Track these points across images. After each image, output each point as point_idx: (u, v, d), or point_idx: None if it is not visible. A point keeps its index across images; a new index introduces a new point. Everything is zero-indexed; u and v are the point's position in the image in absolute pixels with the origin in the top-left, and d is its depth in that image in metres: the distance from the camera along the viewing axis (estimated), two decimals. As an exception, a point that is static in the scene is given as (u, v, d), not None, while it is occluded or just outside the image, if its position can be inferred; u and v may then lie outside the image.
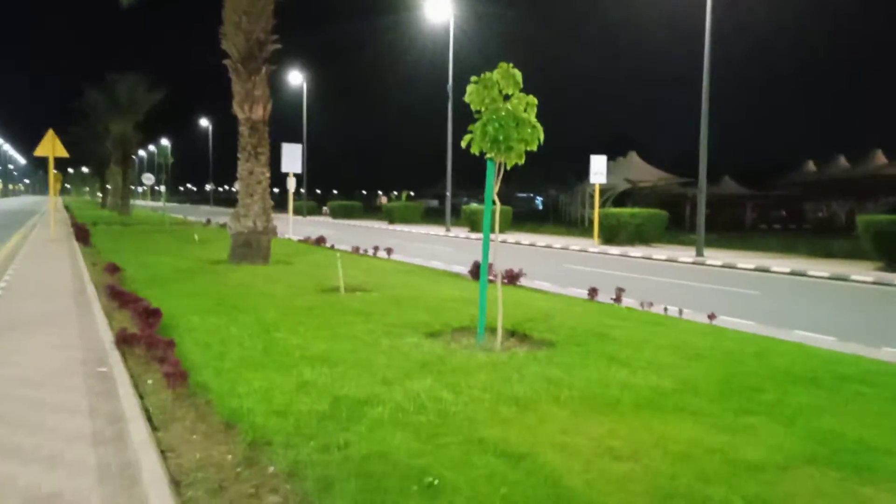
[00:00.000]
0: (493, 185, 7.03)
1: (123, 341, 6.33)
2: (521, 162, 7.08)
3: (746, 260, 19.13)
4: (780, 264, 17.92)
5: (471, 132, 6.98)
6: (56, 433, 4.34)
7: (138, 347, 6.24)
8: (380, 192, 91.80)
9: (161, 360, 5.68)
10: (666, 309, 9.04)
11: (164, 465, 3.78)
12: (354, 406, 4.66)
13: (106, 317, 8.03)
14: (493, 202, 7.04)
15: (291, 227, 26.24)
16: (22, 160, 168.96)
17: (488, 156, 6.95)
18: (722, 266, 18.37)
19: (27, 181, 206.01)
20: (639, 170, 44.23)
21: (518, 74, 7.07)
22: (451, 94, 33.49)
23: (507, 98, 7.00)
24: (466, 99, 7.08)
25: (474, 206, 36.45)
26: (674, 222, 29.05)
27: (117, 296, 8.57)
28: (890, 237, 16.60)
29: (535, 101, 7.06)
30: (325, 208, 54.60)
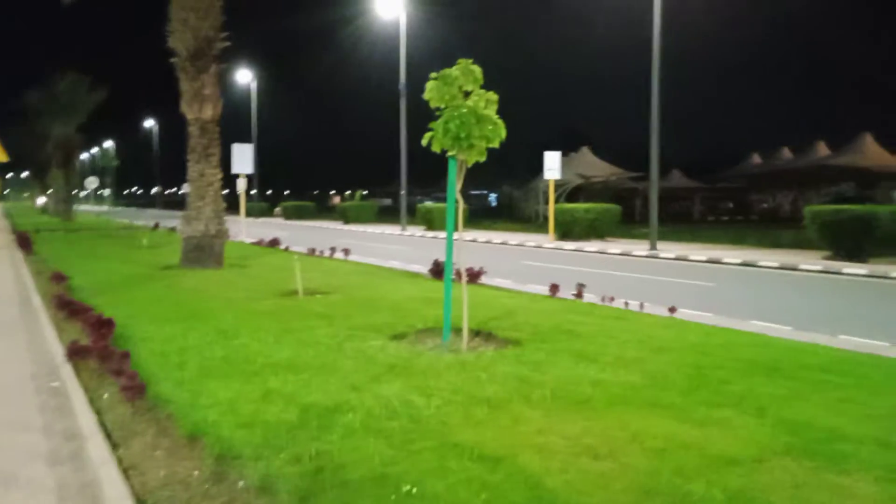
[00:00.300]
0: (455, 183, 6.95)
1: (75, 354, 6.04)
2: (483, 159, 7.02)
3: (698, 252, 19.52)
4: (731, 255, 18.34)
5: (431, 129, 6.89)
6: (9, 452, 4.10)
7: (91, 360, 5.96)
8: (332, 192, 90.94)
9: (117, 372, 5.44)
10: (627, 303, 9.12)
11: (128, 483, 3.60)
12: (324, 414, 4.53)
13: (55, 328, 7.68)
14: (456, 200, 6.96)
15: (245, 229, 25.72)
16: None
17: (450, 154, 6.87)
18: (675, 259, 18.71)
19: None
20: (591, 165, 44.84)
21: (478, 71, 7.01)
22: (403, 92, 33.33)
23: (467, 95, 6.94)
24: (426, 96, 6.98)
25: (429, 204, 36.40)
26: (625, 216, 29.48)
27: (66, 305, 8.22)
28: (836, 227, 17.13)
29: (496, 97, 7.01)
30: (277, 209, 53.74)
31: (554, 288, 10.01)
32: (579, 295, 9.61)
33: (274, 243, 20.28)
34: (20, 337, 7.34)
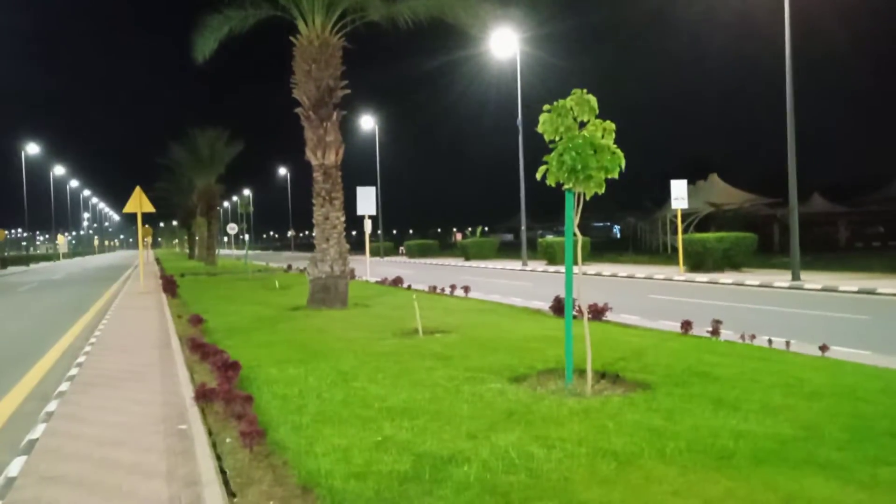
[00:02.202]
0: (573, 217, 6.64)
1: (202, 396, 6.21)
2: (602, 191, 6.70)
3: (847, 282, 17.81)
4: (887, 285, 16.56)
5: (546, 163, 6.66)
6: (131, 499, 4.18)
7: (217, 403, 6.11)
8: (454, 230, 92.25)
9: (239, 416, 5.51)
10: (770, 341, 8.31)
11: (239, 537, 3.53)
12: (438, 465, 4.30)
13: (188, 370, 8.01)
14: (574, 234, 6.65)
15: (369, 268, 26.37)
16: (116, 216, 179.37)
17: (566, 187, 6.59)
18: (822, 290, 17.14)
19: (122, 236, 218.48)
20: (721, 192, 42.57)
21: (593, 100, 6.73)
22: (521, 128, 33.29)
23: (582, 125, 6.67)
24: (539, 129, 6.77)
25: (550, 238, 35.87)
26: (761, 245, 27.57)
27: (198, 348, 8.57)
28: None
29: (613, 126, 6.69)
30: (401, 248, 55.06)
31: (686, 325, 9.33)
32: (715, 332, 8.88)
33: (397, 282, 20.58)
34: (156, 380, 7.69)
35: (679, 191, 25.00)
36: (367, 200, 25.98)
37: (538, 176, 6.72)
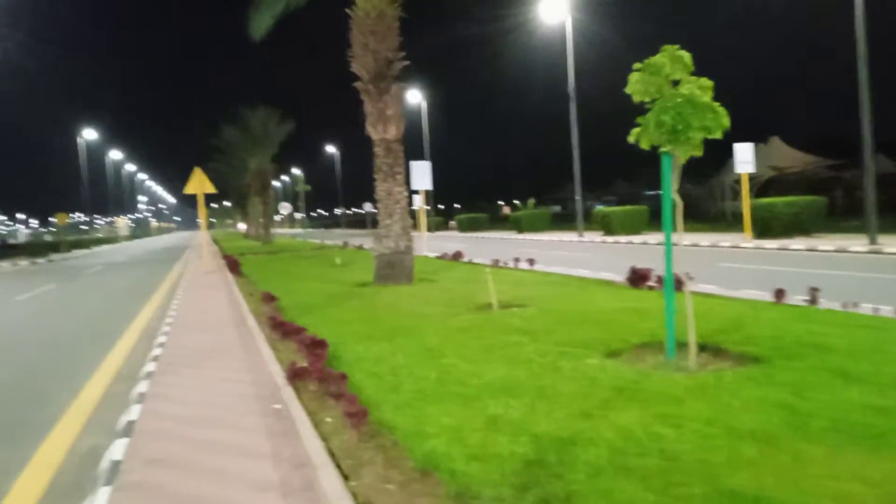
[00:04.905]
0: (670, 182, 6.27)
1: (295, 376, 6.10)
2: (699, 154, 6.32)
3: (935, 244, 16.86)
4: (981, 247, 15.61)
5: (640, 125, 6.29)
6: (241, 482, 4.05)
7: (310, 382, 5.99)
8: (501, 202, 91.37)
9: (336, 395, 5.37)
10: (877, 309, 7.80)
11: (367, 524, 3.36)
12: (561, 447, 4.06)
13: (270, 348, 7.95)
14: (673, 201, 6.28)
15: (426, 243, 26.24)
16: (171, 199, 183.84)
17: (663, 149, 6.22)
18: (907, 253, 16.27)
19: (177, 218, 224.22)
20: (783, 155, 40.94)
21: (687, 57, 6.33)
22: (572, 96, 32.51)
23: (675, 84, 6.27)
24: (628, 90, 6.39)
25: (606, 208, 35.13)
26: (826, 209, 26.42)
27: (279, 326, 8.51)
28: None
29: (710, 83, 6.29)
30: (452, 222, 54.84)
31: (779, 293, 8.86)
32: (813, 300, 8.39)
33: (457, 256, 20.39)
34: (241, 358, 7.64)
35: (744, 154, 24.10)
36: (422, 175, 25.78)
37: (631, 139, 6.38)
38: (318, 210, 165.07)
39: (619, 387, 5.26)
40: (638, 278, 11.41)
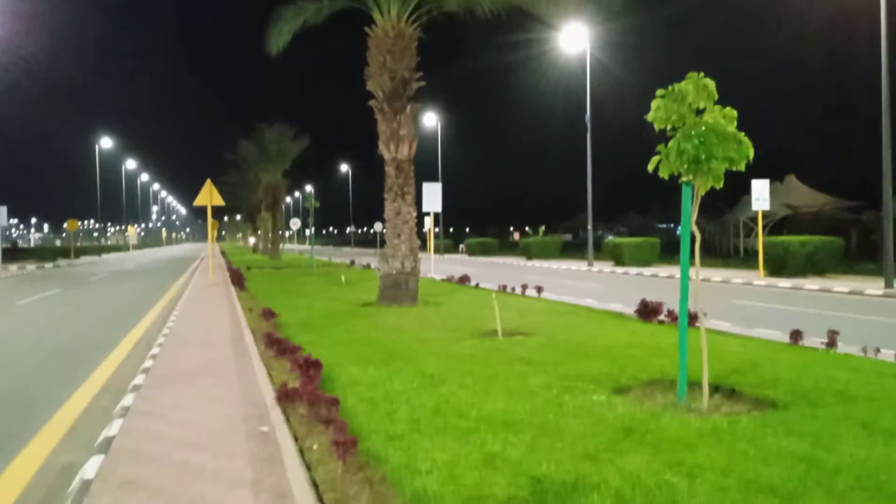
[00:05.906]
0: (689, 213, 6.00)
1: (285, 397, 5.81)
2: (720, 186, 6.07)
3: (954, 291, 16.41)
4: None
5: (659, 153, 6.04)
6: (218, 514, 3.76)
7: (300, 404, 5.69)
8: (511, 229, 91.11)
9: (325, 420, 5.07)
10: (899, 356, 7.45)
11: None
12: (562, 492, 3.74)
13: (265, 367, 7.66)
14: (692, 233, 6.00)
15: (433, 265, 25.96)
16: (183, 210, 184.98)
17: (683, 179, 5.95)
18: (924, 299, 15.84)
19: (188, 230, 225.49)
20: (799, 194, 40.58)
21: (712, 85, 6.10)
22: (588, 125, 32.35)
23: (699, 112, 6.03)
24: (650, 117, 6.16)
25: (617, 238, 34.79)
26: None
27: (275, 343, 8.23)
28: None
29: (735, 113, 6.05)
30: (461, 246, 54.59)
31: (796, 335, 8.50)
32: (832, 343, 8.04)
33: (463, 280, 20.09)
34: (233, 376, 7.36)
35: (760, 191, 23.72)
36: (433, 197, 25.57)
37: (650, 167, 6.12)
38: (330, 227, 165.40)
39: (627, 427, 4.94)
40: (648, 311, 11.08)
